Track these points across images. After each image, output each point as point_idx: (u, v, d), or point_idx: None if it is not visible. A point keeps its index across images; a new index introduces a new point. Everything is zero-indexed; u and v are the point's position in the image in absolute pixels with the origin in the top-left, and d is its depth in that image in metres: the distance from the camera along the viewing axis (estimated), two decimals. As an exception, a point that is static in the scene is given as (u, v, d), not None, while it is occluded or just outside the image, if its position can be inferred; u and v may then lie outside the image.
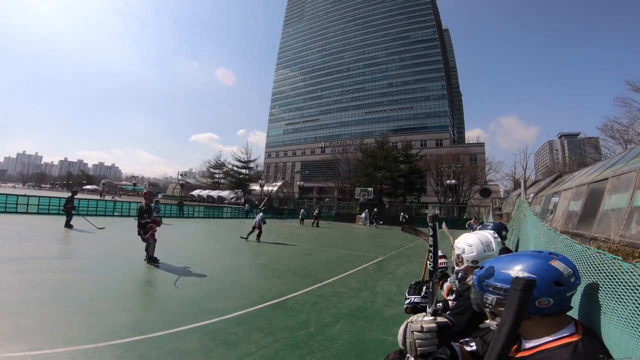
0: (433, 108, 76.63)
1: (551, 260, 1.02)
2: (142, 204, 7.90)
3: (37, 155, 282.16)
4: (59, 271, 6.14)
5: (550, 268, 1.00)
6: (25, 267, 6.16)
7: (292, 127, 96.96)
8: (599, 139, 37.28)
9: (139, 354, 3.17)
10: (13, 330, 3.43)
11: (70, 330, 3.55)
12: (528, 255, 1.07)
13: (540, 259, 1.03)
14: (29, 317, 3.77)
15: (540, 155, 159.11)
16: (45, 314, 3.92)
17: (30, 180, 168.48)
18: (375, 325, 4.58)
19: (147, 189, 9.11)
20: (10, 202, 17.81)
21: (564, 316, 1.02)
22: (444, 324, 1.27)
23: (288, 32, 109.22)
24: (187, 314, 4.44)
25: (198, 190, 62.18)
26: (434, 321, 1.26)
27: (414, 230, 2.79)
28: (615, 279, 1.03)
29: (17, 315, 3.79)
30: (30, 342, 3.17)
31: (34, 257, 7.15)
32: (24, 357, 2.90)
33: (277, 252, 11.31)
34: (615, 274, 1.03)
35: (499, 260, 1.12)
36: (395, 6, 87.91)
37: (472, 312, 1.86)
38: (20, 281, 5.20)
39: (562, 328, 0.99)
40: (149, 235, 7.56)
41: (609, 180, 5.88)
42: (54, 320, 3.79)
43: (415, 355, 1.23)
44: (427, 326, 1.23)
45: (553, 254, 1.07)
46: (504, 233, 4.42)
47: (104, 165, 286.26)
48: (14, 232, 10.66)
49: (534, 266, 1.01)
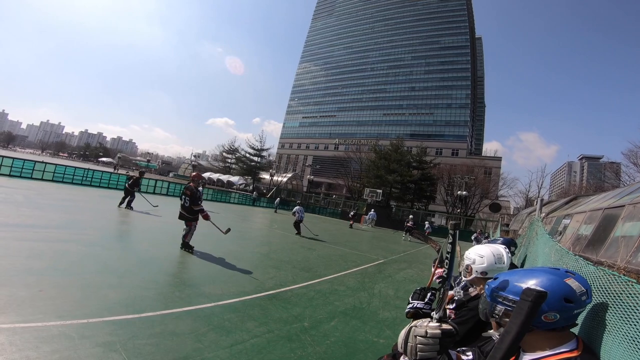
0: (454, 117, 75.50)
1: (566, 277, 1.03)
2: (191, 186, 7.31)
3: (60, 125, 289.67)
4: (62, 241, 6.12)
5: (564, 285, 1.00)
6: (30, 236, 6.14)
7: (308, 121, 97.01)
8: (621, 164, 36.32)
9: (131, 333, 3.16)
10: (6, 300, 3.36)
11: (64, 304, 3.50)
12: (544, 271, 1.07)
13: (555, 276, 1.03)
14: (25, 288, 3.71)
15: (558, 175, 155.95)
16: (42, 285, 3.88)
17: (49, 148, 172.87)
18: (368, 327, 4.55)
19: (195, 172, 8.25)
20: (27, 168, 18.28)
21: (567, 332, 1.02)
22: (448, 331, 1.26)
23: (316, 26, 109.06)
24: (183, 296, 4.45)
25: (209, 173, 62.82)
26: (439, 327, 1.25)
27: (423, 237, 2.74)
28: (625, 300, 1.04)
29: (13, 285, 3.74)
30: (22, 314, 3.13)
31: (41, 226, 7.15)
32: (15, 329, 2.83)
33: (279, 242, 11.35)
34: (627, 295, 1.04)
35: (514, 273, 1.13)
36: (428, 10, 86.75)
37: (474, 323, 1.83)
38: (23, 249, 5.15)
39: (564, 343, 0.99)
40: (195, 223, 7.22)
41: (625, 207, 5.71)
42: (49, 292, 3.74)
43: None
44: (431, 332, 1.23)
45: (569, 272, 1.07)
46: (512, 249, 4.34)
47: (122, 139, 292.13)
48: (25, 198, 10.79)
49: (547, 281, 1.01)
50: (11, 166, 17.60)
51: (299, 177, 76.57)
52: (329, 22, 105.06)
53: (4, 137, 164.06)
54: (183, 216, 7.28)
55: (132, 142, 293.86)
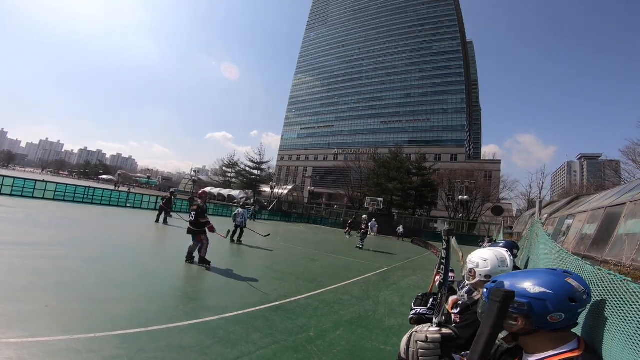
0: (450, 122, 75.84)
1: (566, 277, 1.04)
2: (199, 202, 7.78)
3: (59, 143, 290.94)
4: (65, 258, 6.16)
5: (566, 284, 1.01)
6: (33, 253, 6.18)
7: (306, 132, 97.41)
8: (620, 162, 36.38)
9: (137, 346, 3.17)
10: (14, 315, 3.41)
11: (70, 319, 3.54)
12: (543, 272, 1.08)
13: (555, 276, 1.04)
14: (30, 303, 3.76)
15: (558, 176, 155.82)
16: (47, 300, 3.92)
17: (49, 167, 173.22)
18: (374, 335, 4.52)
19: (201, 190, 9.01)
20: (28, 187, 18.31)
21: (568, 332, 1.03)
22: (448, 336, 1.27)
23: (309, 37, 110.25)
24: (188, 309, 4.46)
25: (209, 188, 62.59)
26: (438, 332, 1.26)
27: (423, 243, 2.76)
28: (622, 299, 1.06)
29: (19, 301, 3.78)
30: (28, 329, 3.16)
31: (42, 243, 7.22)
32: (23, 344, 2.88)
33: (282, 254, 11.31)
34: (623, 294, 1.06)
35: (512, 275, 1.13)
36: (419, 16, 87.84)
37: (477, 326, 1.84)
38: (26, 266, 5.20)
39: (566, 343, 1.00)
40: (204, 236, 7.42)
41: (626, 205, 5.74)
42: (55, 307, 3.78)
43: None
44: (431, 337, 1.25)
45: (567, 272, 1.08)
46: (515, 251, 4.34)
47: (121, 156, 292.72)
48: (27, 217, 10.87)
49: (550, 282, 1.02)
50: (12, 185, 17.64)
51: (300, 189, 76.50)
52: (323, 33, 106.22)
53: (4, 157, 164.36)
54: (191, 230, 7.50)
55: (132, 158, 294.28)
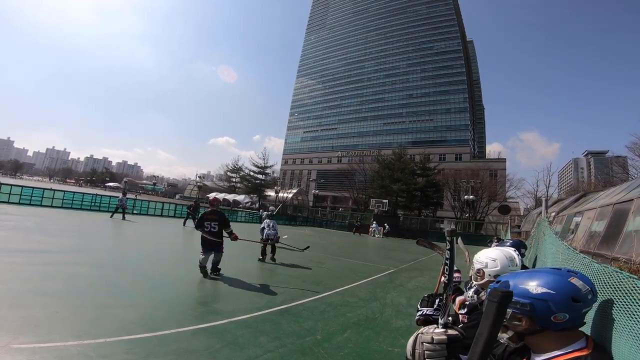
0: (454, 121, 75.50)
1: (570, 277, 1.03)
2: (217, 210, 7.38)
3: (65, 151, 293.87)
4: (74, 265, 6.26)
5: (569, 284, 1.00)
6: (43, 260, 6.30)
7: (310, 135, 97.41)
8: (627, 158, 35.96)
9: (147, 351, 3.21)
10: (25, 321, 3.46)
11: (81, 324, 3.59)
12: (546, 272, 1.07)
13: (559, 276, 1.03)
14: (41, 309, 3.82)
15: (565, 173, 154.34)
16: (58, 306, 3.98)
17: (56, 175, 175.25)
18: (382, 336, 4.50)
19: (212, 197, 8.30)
20: (36, 195, 18.56)
21: (576, 331, 1.02)
22: (454, 337, 1.27)
23: (310, 40, 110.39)
24: (196, 314, 4.50)
25: (214, 193, 63.00)
26: (444, 333, 1.26)
27: (429, 244, 2.74)
28: (630, 297, 1.04)
29: (30, 308, 3.83)
30: (39, 334, 3.20)
31: (52, 251, 7.35)
32: (34, 349, 2.92)
33: (288, 258, 11.31)
34: (631, 292, 1.05)
35: (516, 275, 1.12)
36: (418, 17, 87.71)
37: None
38: (36, 273, 5.29)
39: (573, 342, 0.99)
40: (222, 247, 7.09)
41: (634, 201, 5.67)
42: (66, 313, 3.84)
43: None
44: (437, 338, 1.24)
45: (571, 271, 1.07)
46: (522, 250, 4.31)
47: (127, 163, 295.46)
48: (35, 225, 11.01)
49: (552, 282, 1.01)
50: (20, 194, 17.91)
51: (304, 192, 76.59)
52: (323, 35, 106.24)
53: (12, 166, 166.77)
54: (213, 243, 6.88)
55: (137, 165, 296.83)
